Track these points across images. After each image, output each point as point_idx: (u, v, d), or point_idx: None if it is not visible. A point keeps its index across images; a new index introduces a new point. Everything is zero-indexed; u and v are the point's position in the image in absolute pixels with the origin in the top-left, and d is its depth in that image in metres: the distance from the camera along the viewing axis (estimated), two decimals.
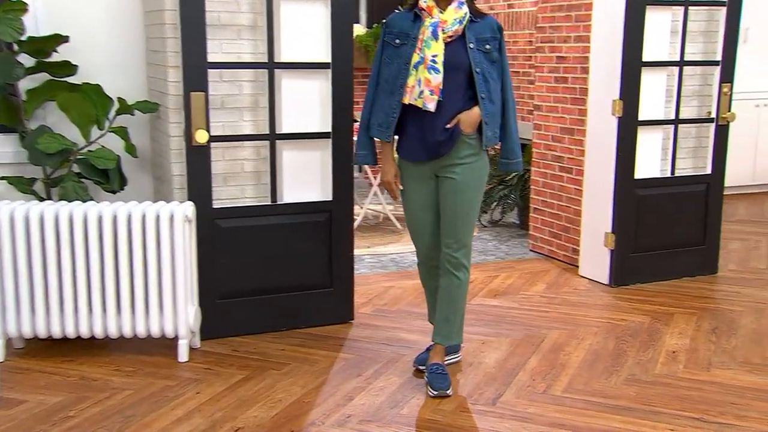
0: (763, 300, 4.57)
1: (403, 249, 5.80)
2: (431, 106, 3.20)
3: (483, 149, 3.30)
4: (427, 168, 3.34)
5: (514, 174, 6.32)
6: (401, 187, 3.42)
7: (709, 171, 5.02)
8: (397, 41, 3.27)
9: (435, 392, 3.28)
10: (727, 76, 4.87)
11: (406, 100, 3.24)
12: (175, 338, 3.72)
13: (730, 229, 6.13)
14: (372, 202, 6.92)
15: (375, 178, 6.66)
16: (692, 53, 4.96)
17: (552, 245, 5.57)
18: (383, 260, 5.50)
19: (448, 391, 3.29)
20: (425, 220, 3.41)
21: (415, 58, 3.21)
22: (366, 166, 6.82)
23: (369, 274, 5.08)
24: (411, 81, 3.23)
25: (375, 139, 3.41)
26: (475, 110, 3.24)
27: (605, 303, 4.54)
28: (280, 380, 3.43)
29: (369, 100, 3.39)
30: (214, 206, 3.86)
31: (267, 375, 3.49)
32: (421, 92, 3.19)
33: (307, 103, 4.00)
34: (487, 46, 3.23)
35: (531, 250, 5.79)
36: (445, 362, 3.48)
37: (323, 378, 3.47)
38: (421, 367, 3.53)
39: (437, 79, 3.18)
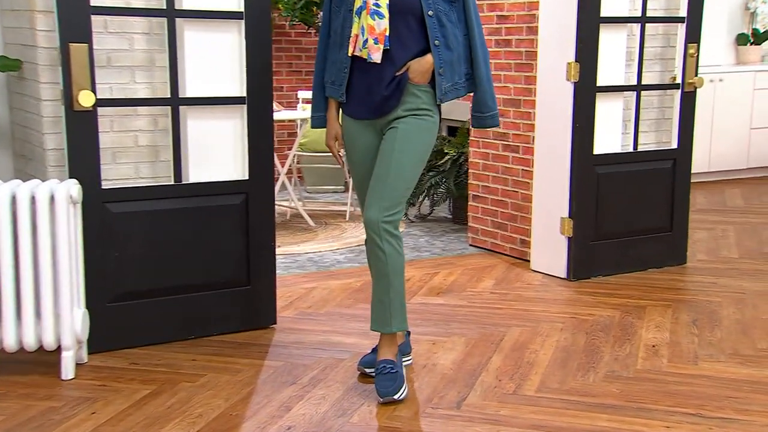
0: (741, 290, 4.72)
1: (321, 247, 5.74)
2: (376, 57, 3.21)
3: (437, 103, 3.29)
4: (373, 124, 3.35)
5: (446, 158, 6.36)
6: (343, 152, 3.39)
7: (674, 145, 5.16)
8: None
9: (381, 399, 3.22)
10: (694, 36, 5.03)
11: (350, 52, 3.26)
12: (58, 350, 3.53)
13: (693, 218, 6.33)
14: (278, 197, 6.82)
15: (281, 165, 6.57)
16: (653, 9, 5.10)
17: (496, 237, 5.61)
18: (299, 260, 5.42)
19: (396, 396, 3.23)
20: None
21: (358, 3, 3.23)
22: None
23: (285, 275, 5.00)
24: (355, 29, 3.24)
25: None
26: (428, 57, 3.24)
27: (566, 298, 4.60)
28: (197, 393, 3.32)
29: (321, 56, 3.45)
30: (104, 187, 3.70)
31: (179, 388, 3.37)
32: (365, 41, 3.19)
33: (217, 62, 3.90)
34: None
35: (471, 245, 5.82)
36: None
37: (250, 388, 3.37)
38: (368, 370, 3.47)
39: (382, 25, 3.18)
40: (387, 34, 3.19)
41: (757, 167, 8.48)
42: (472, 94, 3.43)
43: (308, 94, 6.98)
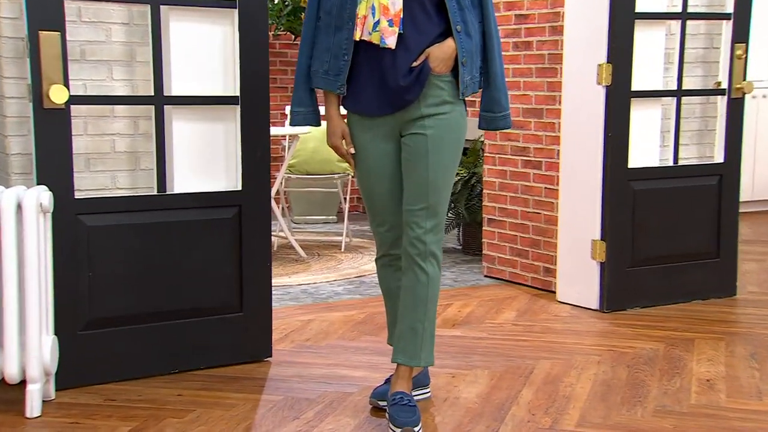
0: None
1: (315, 279, 5.74)
2: (391, 41, 3.19)
3: (460, 97, 3.30)
4: (389, 124, 3.31)
5: (456, 179, 6.38)
6: (353, 151, 3.37)
7: (720, 159, 5.18)
8: None
9: (398, 430, 3.20)
10: (741, 35, 5.08)
11: (358, 36, 3.22)
12: (22, 384, 3.49)
13: (739, 249, 6.34)
14: None
15: None
16: (695, 5, 5.16)
17: (515, 266, 5.62)
18: (292, 291, 5.42)
19: (416, 429, 3.21)
20: (387, 194, 3.37)
21: None
22: None
23: (278, 307, 4.98)
24: (362, 10, 3.21)
25: (318, 91, 3.39)
26: (449, 43, 3.24)
27: (600, 330, 4.59)
28: (187, 429, 3.29)
29: (308, 41, 3.37)
30: (77, 197, 3.69)
31: (166, 424, 3.34)
32: (377, 23, 3.18)
33: (207, 57, 3.91)
34: None
35: (486, 275, 5.82)
36: (414, 397, 3.41)
37: (247, 423, 3.34)
38: (381, 403, 3.46)
39: (397, 4, 3.17)
40: (402, 16, 3.18)
41: None
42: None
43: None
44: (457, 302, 5.14)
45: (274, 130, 6.48)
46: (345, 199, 6.98)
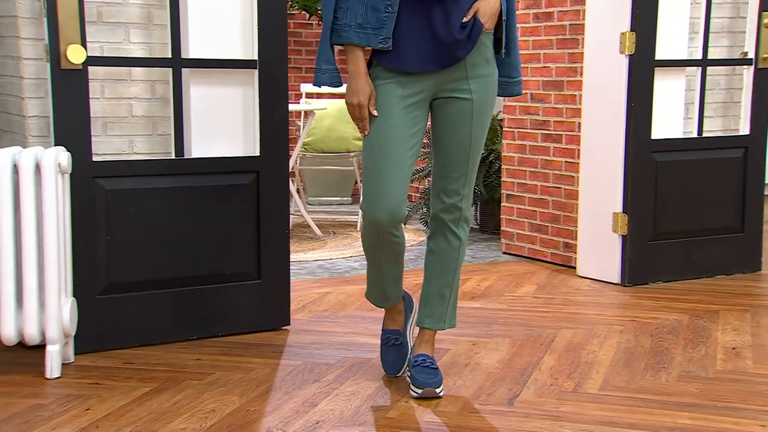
0: None
1: (332, 255, 5.78)
2: None
3: (502, 56, 3.30)
4: (428, 82, 3.21)
5: None
6: (375, 113, 3.21)
7: (746, 131, 5.21)
8: None
9: (419, 391, 3.25)
10: None
11: None
12: (42, 346, 3.55)
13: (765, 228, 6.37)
14: None
15: None
16: None
17: (535, 242, 5.65)
18: (308, 266, 5.47)
19: (438, 390, 3.26)
20: (405, 161, 3.21)
21: None
22: None
23: (295, 280, 5.03)
24: None
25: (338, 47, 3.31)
26: None
27: (622, 302, 4.63)
28: (206, 390, 3.34)
29: None
30: (95, 159, 3.74)
31: (185, 386, 3.39)
32: None
33: (225, 20, 3.96)
34: None
35: (504, 252, 5.86)
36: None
37: (267, 385, 3.39)
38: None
39: None
40: None
41: None
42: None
43: (312, 88, 7.05)
44: (475, 277, 5.18)
45: (290, 107, 6.53)
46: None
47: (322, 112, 7.07)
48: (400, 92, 3.19)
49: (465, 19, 3.14)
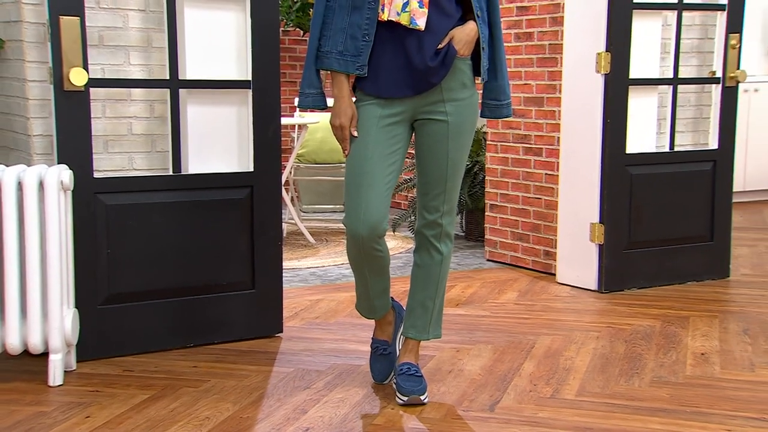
0: None
1: (323, 262, 5.77)
2: (421, 23, 3.08)
3: (481, 81, 3.28)
4: (405, 107, 3.20)
5: None
6: (356, 134, 3.20)
7: (714, 146, 5.21)
8: None
9: (405, 398, 3.24)
10: (735, 25, 5.10)
11: (385, 17, 3.09)
12: (45, 356, 3.53)
13: (732, 235, 6.37)
14: None
15: None
16: None
17: (517, 250, 5.64)
18: (301, 274, 5.45)
19: (422, 397, 3.25)
20: (383, 177, 3.18)
21: None
22: None
23: (288, 287, 5.01)
24: None
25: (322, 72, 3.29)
26: (471, 26, 3.17)
27: (599, 308, 4.62)
28: (202, 398, 3.32)
29: (318, 20, 3.20)
30: (96, 176, 3.73)
31: (182, 393, 3.37)
32: (406, 4, 3.06)
33: (220, 42, 3.94)
34: None
35: (488, 260, 5.85)
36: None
37: (260, 392, 3.38)
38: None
39: None
40: None
41: None
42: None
43: None
44: (460, 284, 5.17)
45: (283, 121, 6.52)
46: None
47: (315, 125, 7.05)
48: (379, 112, 3.19)
49: (440, 46, 3.14)
